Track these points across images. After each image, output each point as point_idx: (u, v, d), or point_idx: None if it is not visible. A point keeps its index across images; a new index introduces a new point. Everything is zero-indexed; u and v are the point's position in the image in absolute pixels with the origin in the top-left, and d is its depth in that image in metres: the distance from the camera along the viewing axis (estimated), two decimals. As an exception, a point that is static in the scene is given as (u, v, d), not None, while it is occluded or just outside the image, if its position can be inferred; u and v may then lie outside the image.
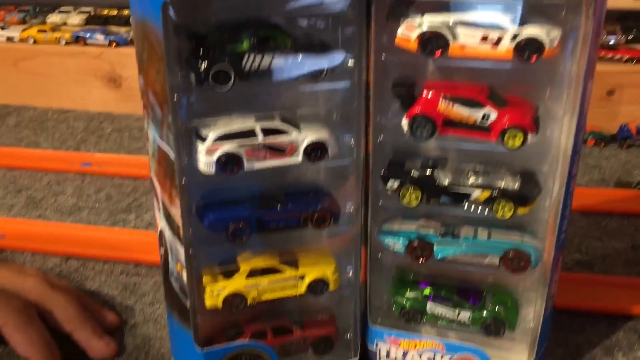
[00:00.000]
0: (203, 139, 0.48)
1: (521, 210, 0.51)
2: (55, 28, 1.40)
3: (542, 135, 0.50)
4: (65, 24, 1.44)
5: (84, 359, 0.65)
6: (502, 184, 0.51)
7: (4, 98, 1.42)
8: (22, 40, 1.38)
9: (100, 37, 1.34)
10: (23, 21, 1.47)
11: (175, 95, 0.45)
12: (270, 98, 0.51)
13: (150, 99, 0.48)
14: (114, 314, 0.70)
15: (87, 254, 0.83)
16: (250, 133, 0.48)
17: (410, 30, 0.48)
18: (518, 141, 0.49)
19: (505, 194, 0.51)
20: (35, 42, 1.38)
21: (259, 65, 0.46)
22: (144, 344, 0.68)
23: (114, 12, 1.46)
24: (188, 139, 0.48)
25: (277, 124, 0.49)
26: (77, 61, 1.36)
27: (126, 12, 1.46)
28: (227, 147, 0.48)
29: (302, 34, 0.49)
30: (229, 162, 0.48)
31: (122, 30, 1.39)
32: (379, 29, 0.48)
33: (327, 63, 0.48)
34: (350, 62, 0.49)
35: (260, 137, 0.49)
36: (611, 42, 1.23)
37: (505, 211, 0.51)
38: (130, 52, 1.33)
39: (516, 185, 0.51)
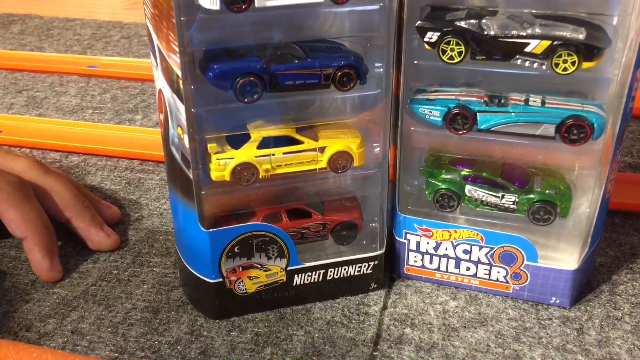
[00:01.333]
0: None
1: (586, 64, 0.42)
2: None
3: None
4: None
5: (82, 251, 0.59)
6: (564, 33, 0.42)
7: (7, 6, 1.34)
8: (26, -58, 1.29)
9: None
10: None
11: None
12: None
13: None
14: (115, 207, 0.64)
15: (89, 150, 0.76)
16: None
17: None
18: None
19: (568, 45, 0.42)
20: (39, -56, 1.29)
21: None
22: (148, 237, 0.62)
23: None
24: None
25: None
26: (84, -34, 1.27)
27: None
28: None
29: None
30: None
31: None
32: None
33: None
34: None
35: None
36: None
37: (567, 66, 0.42)
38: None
39: (581, 36, 0.42)
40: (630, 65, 0.43)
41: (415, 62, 0.47)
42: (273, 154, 0.46)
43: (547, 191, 0.49)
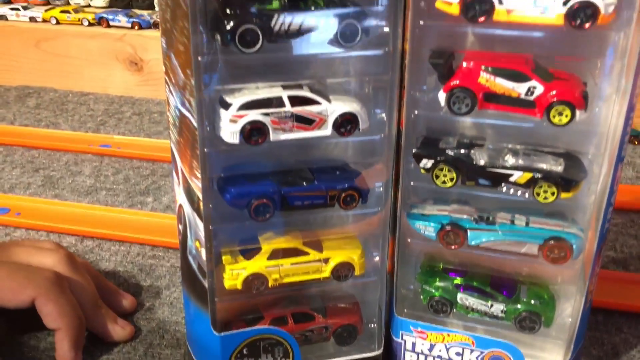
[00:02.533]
0: (227, 106, 0.45)
1: (564, 195, 0.47)
2: (79, 9, 1.38)
3: (590, 114, 0.47)
4: (88, 5, 1.43)
5: (96, 342, 0.63)
6: (544, 166, 0.48)
7: (24, 79, 1.41)
8: (45, 20, 1.37)
9: (123, 19, 1.32)
10: (46, 2, 1.46)
11: (199, 57, 0.42)
12: (300, 65, 0.48)
13: (173, 62, 0.46)
14: (131, 296, 0.68)
15: (103, 235, 0.80)
16: (278, 101, 0.45)
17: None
18: (565, 118, 0.45)
19: (548, 177, 0.47)
20: (57, 22, 1.36)
21: (289, 26, 0.43)
22: (159, 328, 0.65)
23: (138, -6, 1.44)
24: (211, 105, 0.45)
25: (306, 93, 0.46)
26: (99, 43, 1.34)
27: (150, -6, 1.44)
28: (253, 115, 0.45)
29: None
30: (253, 132, 0.45)
31: (146, 12, 1.37)
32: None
33: (361, 27, 0.44)
34: (386, 28, 0.46)
35: (287, 106, 0.45)
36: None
37: (547, 195, 0.48)
38: (152, 35, 1.32)
39: (560, 168, 0.48)
40: (605, 190, 0.48)
41: (412, 183, 0.52)
42: (282, 265, 0.51)
43: (532, 301, 0.53)
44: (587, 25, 0.42)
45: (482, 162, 0.49)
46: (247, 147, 0.46)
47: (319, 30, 0.44)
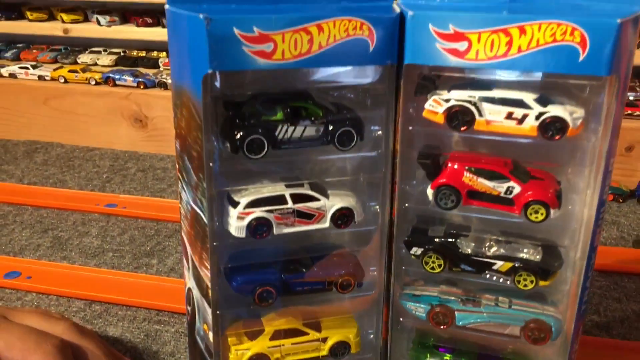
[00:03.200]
0: (235, 205, 0.49)
1: (542, 283, 0.52)
2: (86, 68, 1.44)
3: (565, 209, 0.51)
4: (95, 64, 1.49)
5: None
6: (524, 255, 0.52)
7: (33, 134, 1.46)
8: (54, 79, 1.43)
9: (129, 79, 1.38)
10: (55, 60, 1.52)
11: (211, 163, 0.47)
12: (301, 166, 0.52)
13: (186, 164, 0.50)
14: (136, 363, 0.71)
15: (110, 299, 0.84)
16: (281, 199, 0.50)
17: (438, 104, 0.49)
18: (541, 216, 0.50)
19: (527, 267, 0.52)
20: (66, 81, 1.42)
21: (291, 135, 0.48)
22: (164, 395, 0.69)
23: (143, 54, 1.51)
24: (220, 203, 0.50)
25: (306, 190, 0.51)
26: (106, 101, 1.40)
27: (154, 54, 1.50)
28: (258, 212, 0.49)
29: (333, 104, 0.51)
30: (259, 227, 0.49)
31: (151, 72, 1.43)
32: (407, 101, 0.50)
33: (356, 133, 0.50)
34: (379, 132, 0.51)
35: (289, 204, 0.50)
36: (630, 98, 1.24)
37: (527, 283, 0.52)
38: (157, 93, 1.37)
39: (538, 258, 0.52)
40: (580, 276, 0.52)
41: (404, 267, 0.56)
42: (283, 345, 0.55)
43: (516, 377, 0.57)
44: (557, 137, 0.47)
45: (467, 251, 0.53)
46: (253, 241, 0.50)
47: (318, 137, 0.49)
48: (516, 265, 0.52)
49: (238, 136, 0.47)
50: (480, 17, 0.46)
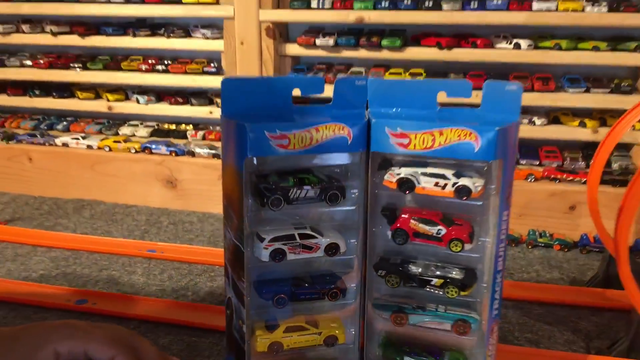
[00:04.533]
0: (262, 240, 0.77)
1: (463, 293, 0.79)
2: (127, 139, 1.74)
3: (477, 244, 0.79)
4: (134, 135, 1.79)
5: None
6: (451, 275, 0.79)
7: (80, 194, 1.74)
8: (100, 147, 1.73)
9: (163, 148, 1.68)
10: (100, 132, 1.82)
11: (247, 212, 0.75)
12: (305, 216, 0.80)
13: (229, 213, 0.78)
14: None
15: (158, 318, 1.10)
16: (291, 237, 0.78)
17: (392, 176, 0.78)
18: (458, 248, 0.77)
19: (452, 282, 0.79)
20: (110, 149, 1.72)
21: (298, 195, 0.76)
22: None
23: (173, 127, 1.81)
24: (252, 239, 0.78)
25: (308, 231, 0.78)
26: (143, 166, 1.69)
27: (183, 126, 1.81)
28: (277, 245, 0.77)
29: (326, 175, 0.79)
30: (277, 255, 0.77)
31: (181, 142, 1.73)
32: (373, 174, 0.78)
33: (341, 194, 0.78)
34: (356, 193, 0.79)
35: (297, 240, 0.78)
36: (573, 167, 1.53)
37: (452, 293, 0.79)
38: (185, 160, 1.67)
39: (460, 276, 0.79)
40: (489, 290, 0.79)
41: (374, 284, 0.83)
42: (292, 336, 0.81)
43: (452, 361, 0.83)
44: (465, 198, 0.75)
45: (415, 272, 0.80)
46: (273, 263, 0.78)
47: (316, 197, 0.77)
48: (446, 281, 0.79)
49: (264, 197, 0.75)
50: (416, 124, 0.75)
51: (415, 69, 1.59)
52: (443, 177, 0.76)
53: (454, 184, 0.76)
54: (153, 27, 1.74)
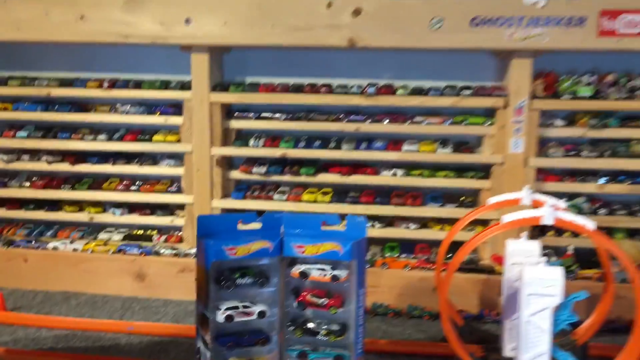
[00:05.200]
0: (219, 309, 1.30)
1: (339, 338, 1.34)
2: (106, 243, 2.24)
3: (346, 308, 1.35)
4: (110, 239, 2.29)
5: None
6: (332, 327, 1.35)
7: (66, 286, 2.20)
8: (84, 250, 2.21)
9: (134, 250, 2.19)
10: (82, 237, 2.32)
11: (211, 294, 1.29)
12: (246, 294, 1.35)
13: (201, 294, 1.32)
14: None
15: (142, 372, 1.58)
16: (237, 307, 1.31)
17: (296, 270, 1.34)
18: (335, 311, 1.33)
19: (333, 332, 1.34)
20: (92, 251, 2.21)
21: (242, 282, 1.31)
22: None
23: (142, 232, 2.33)
24: (213, 309, 1.31)
25: (247, 303, 1.33)
26: (118, 264, 2.18)
27: (149, 232, 2.32)
28: (228, 312, 1.30)
29: (257, 271, 1.35)
30: (228, 318, 1.30)
31: (149, 244, 2.24)
32: (285, 269, 1.35)
33: (267, 281, 1.33)
34: (275, 281, 1.35)
35: (240, 309, 1.32)
36: (427, 258, 2.14)
37: (333, 338, 1.34)
38: (152, 259, 2.18)
39: (337, 328, 1.34)
40: (354, 336, 1.34)
41: (287, 336, 1.37)
42: (237, 369, 1.33)
43: (335, 383, 1.36)
44: (337, 282, 1.32)
45: (310, 327, 1.35)
46: (226, 323, 1.31)
47: (252, 283, 1.32)
48: (329, 331, 1.34)
49: (222, 283, 1.30)
50: (308, 239, 1.32)
51: (325, 189, 2.20)
52: (323, 269, 1.33)
53: (330, 273, 1.33)
54: (128, 157, 2.30)
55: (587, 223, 1.41)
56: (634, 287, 1.37)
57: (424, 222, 2.19)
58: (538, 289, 1.40)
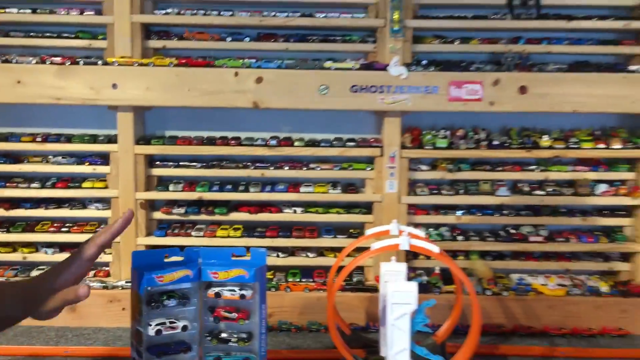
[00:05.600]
0: (150, 325, 1.65)
1: (247, 344, 1.72)
2: (39, 280, 2.50)
3: (252, 320, 1.73)
4: (42, 277, 2.55)
5: None
6: (241, 335, 1.72)
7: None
8: (18, 287, 2.46)
9: (66, 285, 2.46)
10: (15, 275, 2.56)
11: (143, 312, 1.64)
12: (171, 312, 1.70)
13: (136, 314, 1.66)
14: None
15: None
16: (164, 323, 1.66)
17: (212, 292, 1.71)
18: (243, 322, 1.71)
19: (242, 339, 1.71)
20: (26, 288, 2.46)
21: (169, 304, 1.67)
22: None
23: (71, 269, 2.60)
24: (145, 325, 1.65)
25: (172, 319, 1.68)
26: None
27: (78, 269, 2.60)
28: (157, 327, 1.65)
29: (181, 293, 1.70)
30: (157, 332, 1.65)
31: (79, 280, 2.52)
32: (203, 291, 1.72)
33: (188, 301, 1.69)
34: (196, 301, 1.71)
35: (167, 324, 1.66)
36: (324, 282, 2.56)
37: (242, 344, 1.71)
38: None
39: (245, 336, 1.72)
40: (259, 343, 1.72)
41: (205, 345, 1.74)
42: (165, 373, 1.68)
43: (244, 380, 1.74)
44: (244, 299, 1.71)
45: (224, 336, 1.72)
46: (156, 336, 1.66)
47: (177, 304, 1.68)
48: (238, 339, 1.72)
49: (152, 304, 1.65)
50: (221, 267, 1.70)
51: (236, 226, 2.59)
52: (233, 290, 1.72)
53: (239, 293, 1.71)
54: (60, 202, 2.59)
55: (433, 247, 1.88)
56: (470, 297, 1.84)
57: (320, 251, 2.61)
58: (399, 299, 1.85)
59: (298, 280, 2.53)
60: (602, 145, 2.46)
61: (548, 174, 2.50)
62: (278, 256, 2.55)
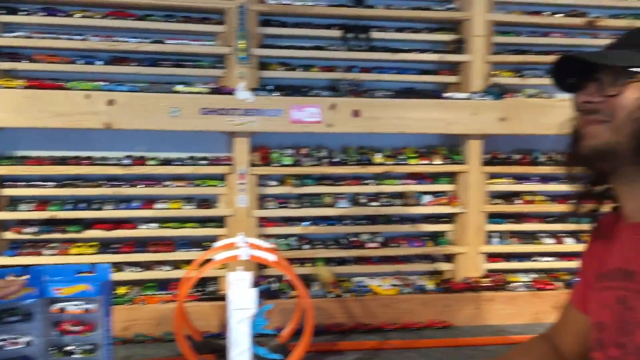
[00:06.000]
0: (-6, 343, 1.71)
1: (92, 355, 1.82)
2: None
3: (98, 332, 1.84)
4: None
5: None
6: (86, 347, 1.83)
7: None
8: None
9: None
10: None
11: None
12: (14, 328, 1.77)
13: None
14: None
15: None
16: (5, 339, 1.73)
17: (57, 308, 1.80)
18: (88, 334, 1.82)
19: (86, 350, 1.82)
20: None
21: (11, 320, 1.74)
22: None
23: None
24: (-11, 343, 1.71)
25: (15, 336, 1.75)
26: None
27: None
28: (0, 343, 1.72)
29: (25, 309, 1.78)
30: (0, 348, 1.71)
31: None
32: (47, 308, 1.80)
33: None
34: (40, 317, 1.79)
35: (9, 340, 1.73)
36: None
37: (86, 356, 1.82)
38: None
39: (91, 348, 1.83)
40: (103, 350, 1.83)
41: (51, 358, 1.82)
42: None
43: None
44: (87, 313, 1.81)
45: (70, 349, 1.82)
46: (1, 351, 1.72)
47: (20, 320, 1.76)
48: (83, 350, 1.82)
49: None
50: (66, 284, 1.80)
51: (92, 243, 2.65)
52: (78, 304, 1.82)
53: (84, 307, 1.82)
54: None
55: (270, 256, 2.09)
56: (302, 300, 2.06)
57: (177, 264, 2.74)
58: (239, 304, 2.03)
59: (154, 293, 2.64)
60: (426, 162, 2.81)
61: (382, 187, 2.81)
62: (133, 271, 2.65)
